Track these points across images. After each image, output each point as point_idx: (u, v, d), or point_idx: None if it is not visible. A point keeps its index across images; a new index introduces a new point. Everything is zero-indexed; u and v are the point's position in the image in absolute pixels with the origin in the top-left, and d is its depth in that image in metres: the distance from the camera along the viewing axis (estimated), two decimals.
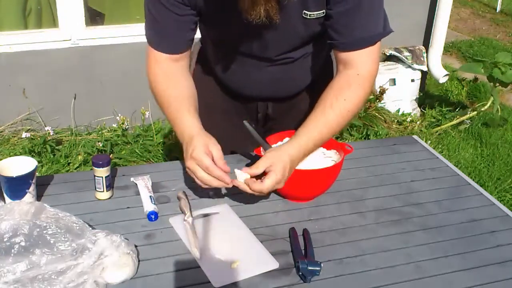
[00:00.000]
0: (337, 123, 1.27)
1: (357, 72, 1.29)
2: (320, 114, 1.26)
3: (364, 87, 1.30)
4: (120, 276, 1.03)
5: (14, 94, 3.08)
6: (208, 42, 1.50)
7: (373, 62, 1.31)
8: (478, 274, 1.11)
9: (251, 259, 1.11)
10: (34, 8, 3.11)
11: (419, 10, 3.80)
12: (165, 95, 1.33)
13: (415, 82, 3.80)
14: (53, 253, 0.99)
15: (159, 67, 1.34)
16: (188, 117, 1.28)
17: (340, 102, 1.26)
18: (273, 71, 1.42)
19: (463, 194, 1.40)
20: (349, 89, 1.28)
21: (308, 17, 1.25)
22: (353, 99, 1.28)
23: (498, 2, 6.83)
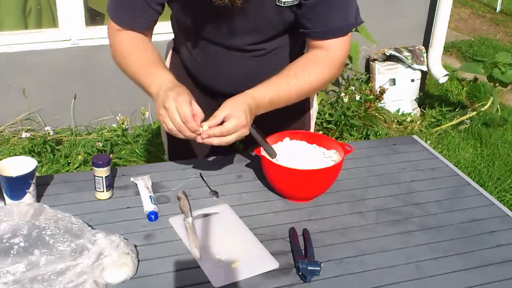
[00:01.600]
0: (297, 92, 1.30)
1: (327, 54, 1.33)
2: (282, 78, 1.29)
3: (332, 67, 1.34)
4: (119, 276, 1.03)
5: (14, 94, 3.08)
6: (179, 35, 1.49)
7: (344, 49, 1.35)
8: (478, 274, 1.11)
9: (251, 259, 1.11)
10: (34, 8, 3.11)
11: (419, 10, 3.80)
12: (135, 53, 1.33)
13: (415, 82, 3.80)
14: (52, 253, 0.99)
15: (123, 34, 1.35)
16: (165, 73, 1.29)
17: (304, 74, 1.30)
18: (245, 64, 1.41)
19: (463, 194, 1.40)
20: (317, 65, 1.32)
21: (282, 4, 1.25)
22: (318, 75, 1.32)
23: (498, 2, 6.83)
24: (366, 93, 3.43)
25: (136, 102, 3.13)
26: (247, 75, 1.44)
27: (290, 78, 1.29)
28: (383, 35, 3.58)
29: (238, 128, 1.19)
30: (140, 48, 1.34)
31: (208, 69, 1.47)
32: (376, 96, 3.45)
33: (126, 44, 1.35)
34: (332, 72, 1.36)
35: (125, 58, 1.35)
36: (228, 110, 1.20)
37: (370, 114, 3.46)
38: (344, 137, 3.32)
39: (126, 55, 1.35)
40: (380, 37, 3.52)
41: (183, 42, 1.48)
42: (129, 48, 1.34)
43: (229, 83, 1.48)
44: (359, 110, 3.38)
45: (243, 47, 1.37)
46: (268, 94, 1.27)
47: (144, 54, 1.33)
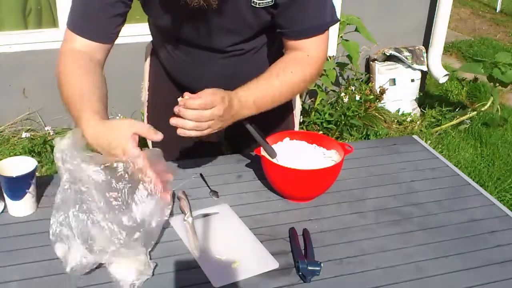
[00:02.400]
0: (280, 92, 1.29)
1: (307, 54, 1.32)
2: (264, 80, 1.28)
3: (312, 67, 1.33)
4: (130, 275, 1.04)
5: (14, 94, 3.08)
6: (157, 38, 1.48)
7: (322, 49, 1.33)
8: (478, 274, 1.11)
9: (251, 259, 1.12)
10: (34, 8, 3.11)
11: (419, 10, 3.80)
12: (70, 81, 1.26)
13: (415, 82, 3.80)
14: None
15: (71, 48, 1.27)
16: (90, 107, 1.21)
17: (286, 74, 1.28)
18: (224, 64, 1.40)
19: (463, 194, 1.40)
20: (298, 65, 1.31)
21: (257, 5, 1.24)
22: (300, 75, 1.31)
23: (498, 2, 6.84)
24: (366, 93, 3.43)
25: (136, 102, 3.12)
26: (225, 75, 1.43)
27: (273, 79, 1.28)
28: (383, 35, 3.59)
29: (214, 111, 1.14)
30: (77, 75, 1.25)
31: (187, 70, 1.46)
32: (376, 96, 3.45)
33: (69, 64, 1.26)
34: (313, 72, 1.34)
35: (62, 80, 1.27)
36: (208, 91, 1.17)
37: (370, 114, 3.47)
38: (344, 137, 3.32)
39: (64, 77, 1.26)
40: (380, 37, 3.53)
41: (161, 44, 1.47)
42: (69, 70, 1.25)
43: (209, 84, 1.46)
44: (359, 110, 3.38)
45: (221, 47, 1.36)
46: (252, 96, 1.25)
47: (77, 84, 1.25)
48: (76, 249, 1.03)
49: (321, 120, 3.36)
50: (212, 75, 1.43)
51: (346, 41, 3.36)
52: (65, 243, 1.04)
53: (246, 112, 1.25)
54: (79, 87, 1.23)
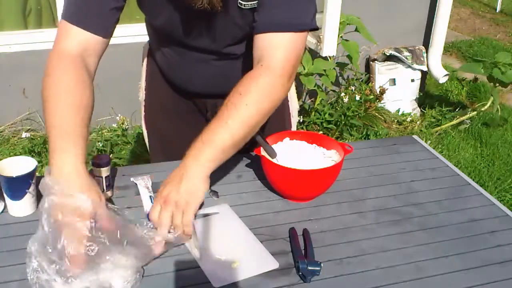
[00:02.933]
0: (242, 123, 1.14)
1: (262, 63, 1.16)
2: (221, 119, 1.14)
3: (269, 79, 1.16)
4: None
5: (14, 94, 3.08)
6: (153, 38, 1.48)
7: (288, 54, 1.17)
8: (478, 274, 1.11)
9: (251, 259, 1.12)
10: (34, 8, 3.11)
11: (419, 10, 3.81)
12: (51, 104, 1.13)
13: (415, 82, 3.80)
14: None
15: (67, 45, 1.18)
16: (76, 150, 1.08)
17: (242, 100, 1.14)
18: (216, 66, 1.40)
19: (463, 194, 1.40)
20: (249, 82, 1.16)
21: (243, 7, 1.22)
22: (253, 94, 1.15)
23: (498, 2, 6.84)
24: (366, 93, 3.43)
25: (136, 102, 3.11)
26: (219, 77, 1.43)
27: (222, 110, 1.15)
28: (383, 35, 3.59)
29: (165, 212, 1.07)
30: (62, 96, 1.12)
31: (180, 71, 1.46)
32: (376, 96, 3.46)
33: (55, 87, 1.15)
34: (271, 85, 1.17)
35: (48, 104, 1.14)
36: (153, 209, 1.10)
37: (370, 114, 3.47)
38: (344, 137, 3.32)
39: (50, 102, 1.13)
40: (380, 37, 3.53)
41: (156, 44, 1.48)
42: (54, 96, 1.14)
43: (200, 84, 1.46)
44: (359, 110, 3.38)
45: (212, 50, 1.36)
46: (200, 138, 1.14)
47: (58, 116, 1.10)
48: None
49: (321, 120, 3.36)
50: (204, 77, 1.44)
51: (346, 41, 3.36)
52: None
53: (206, 160, 1.12)
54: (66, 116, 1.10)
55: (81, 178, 1.06)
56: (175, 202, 1.09)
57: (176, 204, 1.09)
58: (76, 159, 1.07)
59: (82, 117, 1.12)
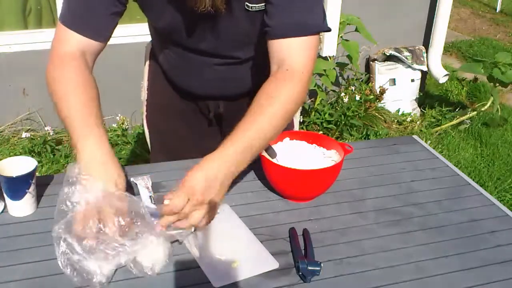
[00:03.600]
0: (270, 125, 1.18)
1: (287, 68, 1.20)
2: (250, 121, 1.17)
3: (296, 83, 1.20)
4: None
5: (14, 94, 3.08)
6: (156, 40, 1.48)
7: (306, 55, 1.21)
8: (478, 274, 1.11)
9: (251, 259, 1.11)
10: (34, 8, 3.11)
11: (419, 10, 3.81)
12: (64, 100, 1.17)
13: (415, 82, 3.80)
14: None
15: (67, 52, 1.20)
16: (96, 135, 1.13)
17: (270, 103, 1.18)
18: (219, 70, 1.40)
19: (463, 194, 1.40)
20: (279, 87, 1.20)
21: (250, 9, 1.22)
22: (284, 97, 1.19)
23: (498, 2, 6.84)
24: (366, 93, 3.43)
25: (136, 102, 3.12)
26: (221, 80, 1.43)
27: (256, 115, 1.17)
28: (383, 35, 3.59)
29: (187, 204, 1.07)
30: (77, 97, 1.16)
31: (182, 73, 1.46)
32: (376, 96, 3.46)
33: (59, 81, 1.18)
34: (298, 89, 1.21)
35: (58, 98, 1.18)
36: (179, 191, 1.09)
37: (370, 114, 3.47)
38: (344, 137, 3.32)
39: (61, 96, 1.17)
40: (380, 37, 3.53)
41: (158, 45, 1.48)
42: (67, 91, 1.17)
43: (203, 86, 1.46)
44: (359, 110, 3.38)
45: (216, 53, 1.35)
46: (239, 147, 1.14)
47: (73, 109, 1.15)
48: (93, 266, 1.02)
49: (321, 120, 3.36)
50: (207, 80, 1.43)
51: (346, 41, 3.36)
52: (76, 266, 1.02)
53: (235, 169, 1.14)
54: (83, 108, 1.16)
55: (105, 164, 1.12)
56: (202, 201, 1.09)
57: (208, 204, 1.10)
58: (100, 140, 1.13)
59: (97, 107, 1.17)
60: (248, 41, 1.33)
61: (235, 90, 1.48)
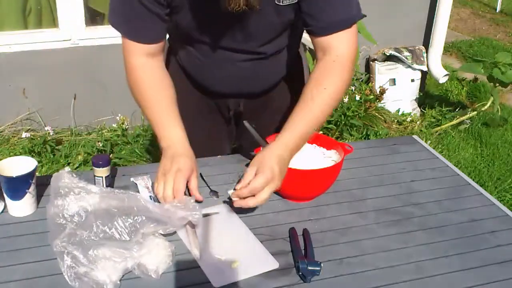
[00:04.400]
0: (322, 112, 1.28)
1: (334, 58, 1.29)
2: (303, 108, 1.27)
3: (343, 72, 1.30)
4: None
5: (14, 94, 3.08)
6: (177, 39, 1.48)
7: (350, 44, 1.31)
8: (478, 274, 1.11)
9: (251, 259, 1.12)
10: (34, 8, 3.11)
11: (419, 10, 3.80)
12: (148, 97, 1.34)
13: (415, 82, 3.80)
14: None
15: (137, 62, 1.34)
16: (176, 129, 1.31)
17: (320, 91, 1.27)
18: (243, 67, 1.41)
19: (463, 194, 1.40)
20: (328, 76, 1.29)
21: (281, 3, 1.24)
22: (333, 86, 1.29)
23: (498, 2, 6.84)
24: (366, 93, 3.43)
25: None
26: (244, 77, 1.44)
27: (308, 103, 1.27)
28: (383, 35, 3.58)
29: (266, 184, 1.15)
30: (155, 93, 1.34)
31: (207, 71, 1.47)
32: (376, 96, 3.45)
33: (143, 84, 1.34)
34: (345, 77, 1.31)
35: (141, 100, 1.36)
36: (254, 168, 1.17)
37: (370, 114, 3.46)
38: (344, 137, 3.32)
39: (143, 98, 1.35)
40: (380, 37, 3.52)
41: (181, 44, 1.48)
42: (145, 90, 1.34)
43: (226, 84, 1.48)
44: (359, 110, 3.38)
45: (245, 49, 1.37)
46: (297, 133, 1.25)
47: (158, 103, 1.33)
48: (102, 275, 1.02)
49: None
50: (229, 77, 1.45)
51: None
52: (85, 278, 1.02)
53: (296, 150, 1.26)
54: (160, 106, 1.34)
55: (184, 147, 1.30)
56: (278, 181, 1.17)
57: (273, 181, 1.16)
58: (182, 130, 1.31)
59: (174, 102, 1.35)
60: (275, 36, 1.36)
61: (256, 88, 1.50)
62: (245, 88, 1.49)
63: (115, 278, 1.02)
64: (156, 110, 1.33)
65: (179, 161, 1.24)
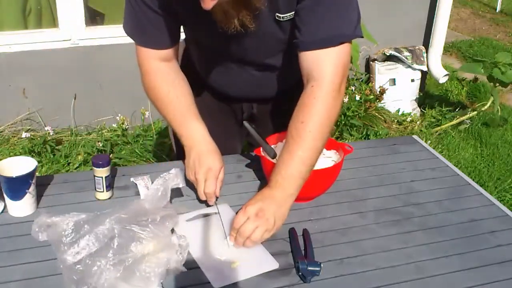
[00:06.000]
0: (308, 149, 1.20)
1: (312, 84, 1.20)
2: (288, 152, 1.20)
3: (324, 100, 1.20)
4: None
5: (14, 94, 3.08)
6: (192, 43, 1.50)
7: (334, 68, 1.20)
8: (478, 274, 1.11)
9: (251, 259, 1.12)
10: (34, 8, 3.10)
11: (419, 10, 3.80)
12: (167, 98, 1.34)
13: (415, 82, 3.80)
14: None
15: (151, 67, 1.35)
16: (197, 125, 1.32)
17: (300, 129, 1.20)
18: (257, 75, 1.42)
19: (463, 194, 1.40)
20: (307, 109, 1.20)
21: (282, 19, 1.23)
22: (314, 120, 1.19)
23: (498, 2, 6.84)
24: (366, 93, 3.43)
25: (136, 102, 3.13)
26: (257, 84, 1.45)
27: (290, 144, 1.20)
28: (383, 35, 3.58)
29: (256, 227, 1.13)
30: (172, 93, 1.34)
31: (221, 80, 1.49)
32: (376, 96, 3.45)
33: (158, 85, 1.35)
34: (326, 105, 1.20)
35: (158, 100, 1.36)
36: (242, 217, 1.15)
37: (370, 114, 3.46)
38: (344, 137, 3.32)
39: (159, 98, 1.36)
40: (380, 37, 3.52)
41: (195, 50, 1.50)
42: (161, 91, 1.35)
43: (240, 90, 1.49)
44: (359, 110, 3.38)
45: (256, 62, 1.38)
46: (279, 174, 1.19)
47: (176, 101, 1.34)
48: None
49: None
50: (244, 84, 1.46)
51: None
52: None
53: (290, 191, 1.19)
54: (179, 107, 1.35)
55: (208, 143, 1.31)
56: (266, 219, 1.14)
57: (267, 221, 1.14)
58: (202, 126, 1.33)
59: (191, 101, 1.36)
60: (283, 49, 1.35)
61: (271, 93, 1.51)
62: (259, 94, 1.51)
63: None
64: (173, 109, 1.34)
65: (207, 160, 1.27)
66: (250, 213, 1.14)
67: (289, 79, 1.46)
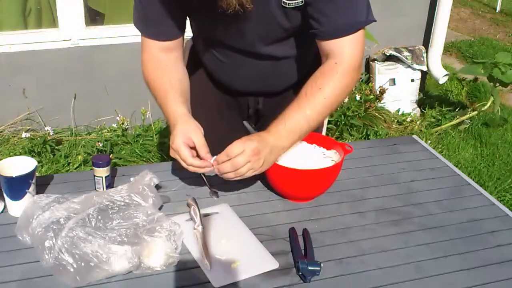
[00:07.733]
0: (312, 111, 1.25)
1: (336, 61, 1.27)
2: (294, 104, 1.25)
3: (342, 77, 1.27)
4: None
5: (14, 94, 3.08)
6: (198, 37, 1.51)
7: (355, 50, 1.28)
8: (478, 274, 1.11)
9: (251, 259, 1.12)
10: (34, 8, 3.10)
11: (419, 10, 3.80)
12: (155, 84, 1.36)
13: (415, 82, 3.80)
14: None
15: (148, 55, 1.38)
16: (173, 102, 1.31)
17: (315, 91, 1.25)
18: (262, 66, 1.42)
19: (463, 194, 1.40)
20: (325, 78, 1.26)
21: (287, 6, 1.24)
22: (329, 88, 1.26)
23: (498, 2, 6.83)
24: (366, 93, 3.43)
25: (136, 102, 3.13)
26: (262, 76, 1.46)
27: (301, 100, 1.25)
28: (383, 35, 3.58)
29: (244, 159, 1.15)
30: (164, 78, 1.35)
31: (227, 72, 1.49)
32: (376, 96, 3.45)
33: (150, 72, 1.38)
34: (344, 82, 1.27)
35: (150, 87, 1.39)
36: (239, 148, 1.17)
37: (370, 114, 3.46)
38: (344, 137, 3.32)
39: (151, 85, 1.38)
40: (380, 37, 3.52)
41: (202, 44, 1.50)
42: (156, 78, 1.37)
43: (246, 83, 1.50)
44: (359, 110, 3.38)
45: (255, 51, 1.38)
46: (282, 123, 1.23)
47: (162, 85, 1.35)
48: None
49: None
50: (249, 76, 1.46)
51: None
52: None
53: (285, 143, 1.23)
54: (164, 88, 1.35)
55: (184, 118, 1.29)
56: (258, 159, 1.17)
57: (258, 161, 1.17)
58: (183, 107, 1.31)
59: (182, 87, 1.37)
60: (286, 38, 1.36)
61: (276, 86, 1.52)
62: (264, 87, 1.52)
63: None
64: (161, 93, 1.34)
65: (173, 134, 1.25)
66: (248, 148, 1.15)
67: (296, 73, 1.47)
